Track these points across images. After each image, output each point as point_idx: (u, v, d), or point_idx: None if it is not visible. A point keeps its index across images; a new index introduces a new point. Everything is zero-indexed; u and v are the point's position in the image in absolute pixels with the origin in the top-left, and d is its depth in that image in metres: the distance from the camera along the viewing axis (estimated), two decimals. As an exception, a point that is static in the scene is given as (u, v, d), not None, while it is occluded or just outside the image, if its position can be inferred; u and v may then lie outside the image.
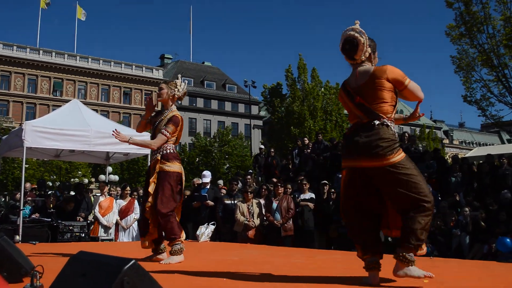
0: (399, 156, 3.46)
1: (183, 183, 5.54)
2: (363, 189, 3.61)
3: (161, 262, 5.29)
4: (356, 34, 3.65)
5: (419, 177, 3.48)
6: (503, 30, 19.42)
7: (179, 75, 6.02)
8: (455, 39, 20.53)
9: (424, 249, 3.49)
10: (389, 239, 8.98)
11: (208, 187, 11.05)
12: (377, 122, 3.51)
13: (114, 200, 11.05)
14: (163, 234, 5.39)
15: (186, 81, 5.81)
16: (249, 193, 9.89)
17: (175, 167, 5.37)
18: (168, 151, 5.36)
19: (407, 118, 3.91)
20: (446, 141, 79.10)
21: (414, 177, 3.43)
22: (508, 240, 8.34)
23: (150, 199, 5.31)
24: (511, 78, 19.78)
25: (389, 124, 3.54)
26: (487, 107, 20.73)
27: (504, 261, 7.69)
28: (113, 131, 5.34)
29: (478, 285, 3.77)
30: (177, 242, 5.29)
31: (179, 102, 56.43)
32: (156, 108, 5.80)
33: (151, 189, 5.32)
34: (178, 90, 5.58)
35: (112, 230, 10.72)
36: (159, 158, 5.33)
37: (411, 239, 3.37)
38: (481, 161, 13.66)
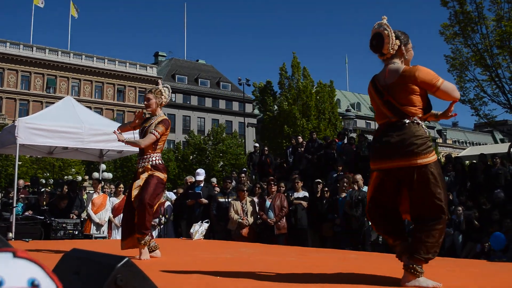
0: (433, 157, 3.41)
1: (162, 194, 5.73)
2: (392, 192, 3.54)
3: (136, 257, 5.33)
4: (381, 28, 3.59)
5: (444, 184, 3.45)
6: (495, 31, 19.51)
7: (160, 81, 6.12)
8: (449, 38, 20.60)
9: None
10: (380, 238, 9.03)
11: (202, 185, 11.04)
12: (407, 120, 3.45)
13: (108, 198, 11.01)
14: (137, 224, 5.40)
15: (168, 86, 5.90)
16: (243, 191, 9.89)
17: (163, 176, 5.55)
18: (158, 161, 5.54)
19: (439, 115, 3.78)
20: (439, 140, 79.40)
21: (442, 183, 3.41)
22: (502, 236, 8.38)
23: (134, 195, 5.41)
24: (504, 78, 19.87)
25: (420, 122, 3.48)
26: (480, 106, 20.83)
27: (497, 260, 7.74)
28: (114, 131, 5.54)
29: (472, 283, 3.79)
30: (146, 237, 5.40)
31: (174, 99, 56.25)
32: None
33: (136, 189, 5.43)
34: (164, 97, 5.72)
35: (104, 228, 10.67)
36: (149, 166, 5.47)
37: (422, 251, 3.34)
38: (474, 161, 13.73)
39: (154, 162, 5.49)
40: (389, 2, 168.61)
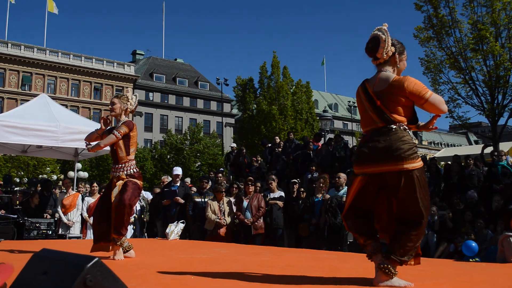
0: (419, 163, 3.45)
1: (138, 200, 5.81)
2: (371, 197, 3.56)
3: (110, 257, 5.33)
4: (379, 33, 3.59)
5: (428, 191, 3.49)
6: (469, 34, 19.81)
7: (130, 89, 6.10)
8: (423, 41, 20.85)
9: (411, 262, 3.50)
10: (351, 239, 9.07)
11: (178, 184, 10.99)
12: (394, 126, 3.48)
13: (79, 196, 10.86)
14: (115, 223, 5.36)
15: (137, 94, 5.88)
16: (220, 192, 9.86)
17: (139, 182, 5.56)
18: (133, 170, 5.52)
19: (421, 126, 3.78)
20: (415, 141, 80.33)
21: (426, 189, 3.45)
22: (474, 244, 8.49)
23: (113, 200, 5.40)
24: (477, 80, 20.20)
25: (406, 128, 3.52)
26: (454, 108, 21.13)
27: (470, 260, 7.86)
28: (86, 145, 5.67)
29: (444, 283, 3.84)
30: (122, 238, 5.38)
31: (151, 98, 55.84)
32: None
33: (114, 193, 5.43)
34: (130, 104, 5.70)
35: (76, 228, 10.51)
36: (125, 176, 5.46)
37: (399, 253, 3.38)
38: (449, 162, 13.91)
39: (129, 171, 5.48)
40: (365, 5, 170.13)
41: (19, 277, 2.14)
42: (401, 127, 3.49)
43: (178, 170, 11.23)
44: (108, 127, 5.71)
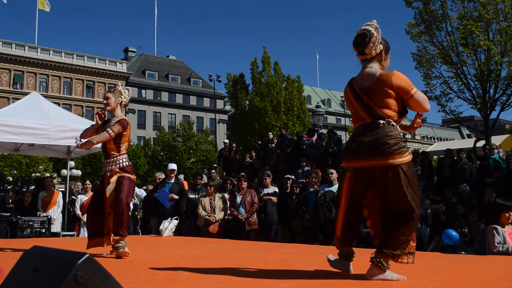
0: (406, 158, 3.45)
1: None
2: (359, 193, 3.59)
3: (103, 254, 5.38)
4: (370, 28, 3.58)
5: (417, 185, 3.51)
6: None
7: (119, 82, 6.10)
8: (415, 36, 20.87)
9: (404, 259, 3.53)
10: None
11: (173, 181, 10.98)
12: (381, 121, 3.49)
13: (60, 194, 10.83)
14: (114, 225, 5.37)
15: (129, 88, 5.86)
16: (210, 187, 9.86)
17: (133, 177, 5.55)
18: (126, 163, 5.50)
19: (408, 127, 3.84)
20: (408, 136, 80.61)
21: (414, 183, 3.46)
22: (454, 233, 8.55)
23: (109, 196, 5.39)
24: (469, 74, 20.24)
25: (394, 123, 3.53)
26: (446, 103, 21.17)
27: (463, 253, 7.92)
28: (75, 140, 5.64)
29: (435, 275, 3.86)
30: (122, 240, 5.35)
31: (144, 95, 55.72)
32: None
33: (109, 190, 5.40)
34: (124, 97, 5.67)
35: (56, 225, 10.48)
36: (118, 170, 5.43)
37: (391, 247, 3.40)
38: (441, 156, 13.98)
39: (121, 164, 5.45)
40: (358, 1, 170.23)
41: (10, 274, 2.13)
42: (389, 123, 3.51)
43: (173, 166, 11.23)
44: (103, 122, 5.68)
